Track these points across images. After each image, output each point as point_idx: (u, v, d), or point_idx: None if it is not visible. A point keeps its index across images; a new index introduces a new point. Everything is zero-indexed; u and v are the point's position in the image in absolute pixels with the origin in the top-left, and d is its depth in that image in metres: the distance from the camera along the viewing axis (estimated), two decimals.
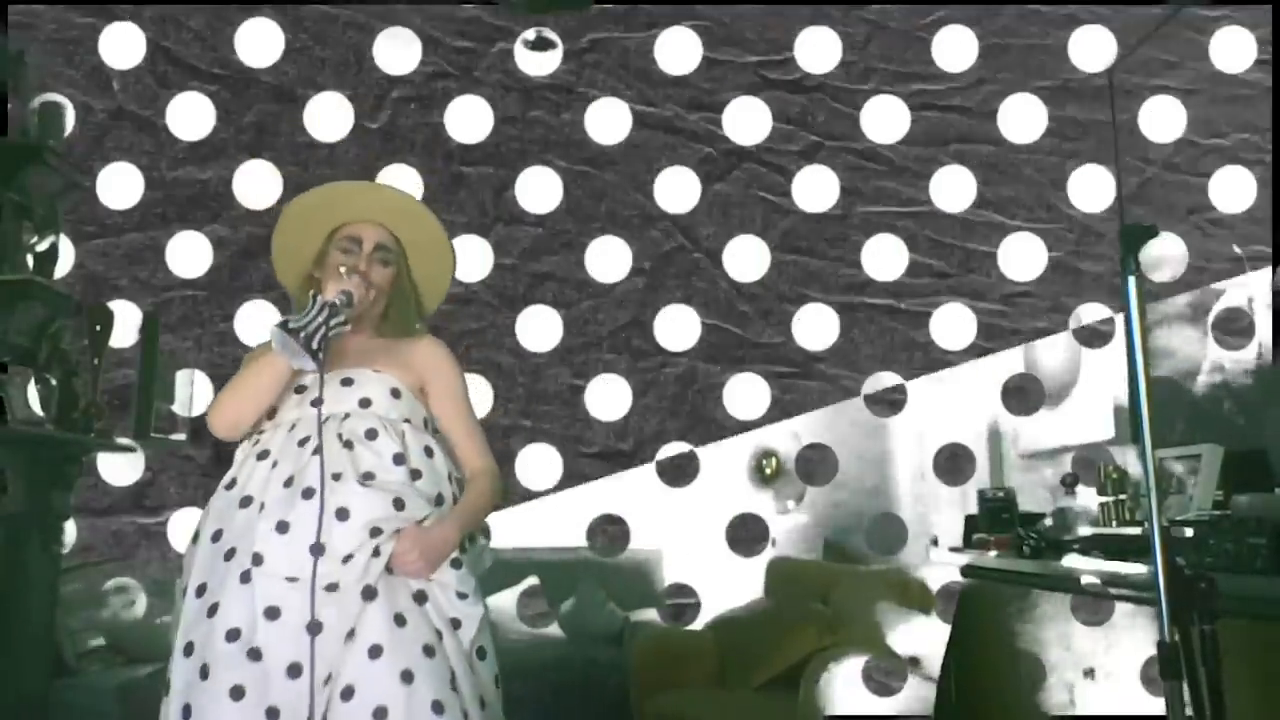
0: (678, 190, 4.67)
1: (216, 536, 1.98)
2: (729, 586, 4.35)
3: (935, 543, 4.41)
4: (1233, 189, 4.61)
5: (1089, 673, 3.36)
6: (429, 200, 4.57)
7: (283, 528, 1.91)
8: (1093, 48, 4.67)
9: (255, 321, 4.57)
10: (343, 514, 1.93)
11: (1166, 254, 4.54)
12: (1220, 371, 4.42)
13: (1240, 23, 4.64)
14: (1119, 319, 4.41)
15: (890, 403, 4.54)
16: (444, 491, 2.10)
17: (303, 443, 2.01)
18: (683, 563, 4.71)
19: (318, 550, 1.89)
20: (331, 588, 1.88)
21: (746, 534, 4.48)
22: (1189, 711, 1.84)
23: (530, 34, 4.68)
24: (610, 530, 4.58)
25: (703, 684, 3.67)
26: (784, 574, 4.01)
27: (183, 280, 4.59)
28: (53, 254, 3.84)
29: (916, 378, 4.55)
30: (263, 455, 2.04)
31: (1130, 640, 2.91)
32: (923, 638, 3.62)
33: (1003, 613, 3.39)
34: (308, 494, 1.93)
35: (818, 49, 4.73)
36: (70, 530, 3.89)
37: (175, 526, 4.41)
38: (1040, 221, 4.63)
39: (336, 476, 1.96)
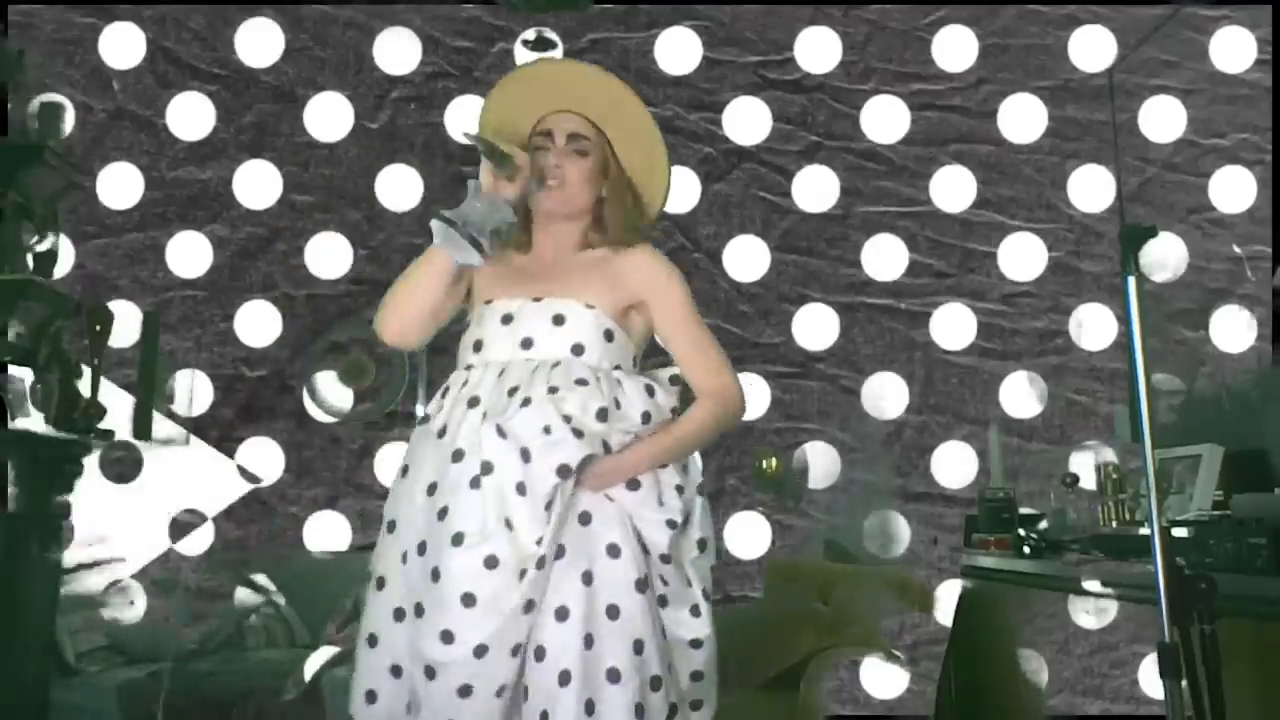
0: (678, 190, 4.66)
1: (431, 490, 1.90)
2: None
3: (935, 542, 4.41)
4: (1233, 189, 4.60)
5: None
6: (429, 200, 4.59)
7: (520, 488, 1.82)
8: (1093, 48, 4.67)
9: (255, 321, 4.58)
10: (564, 470, 1.85)
11: (1166, 254, 4.54)
12: (1220, 371, 4.41)
13: (1240, 23, 4.64)
14: None
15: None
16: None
17: (512, 392, 1.89)
18: None
19: (544, 521, 1.82)
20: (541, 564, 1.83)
21: None
22: (1189, 712, 1.84)
23: (530, 34, 4.68)
24: None
25: None
26: (784, 574, 4.00)
27: (183, 280, 4.59)
28: (53, 254, 3.85)
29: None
30: (473, 402, 1.92)
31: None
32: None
33: (1003, 613, 3.39)
34: (525, 455, 1.83)
35: (818, 49, 4.73)
36: (70, 530, 3.89)
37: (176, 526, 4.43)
38: (1040, 221, 4.62)
39: (548, 430, 1.85)
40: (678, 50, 4.74)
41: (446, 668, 1.80)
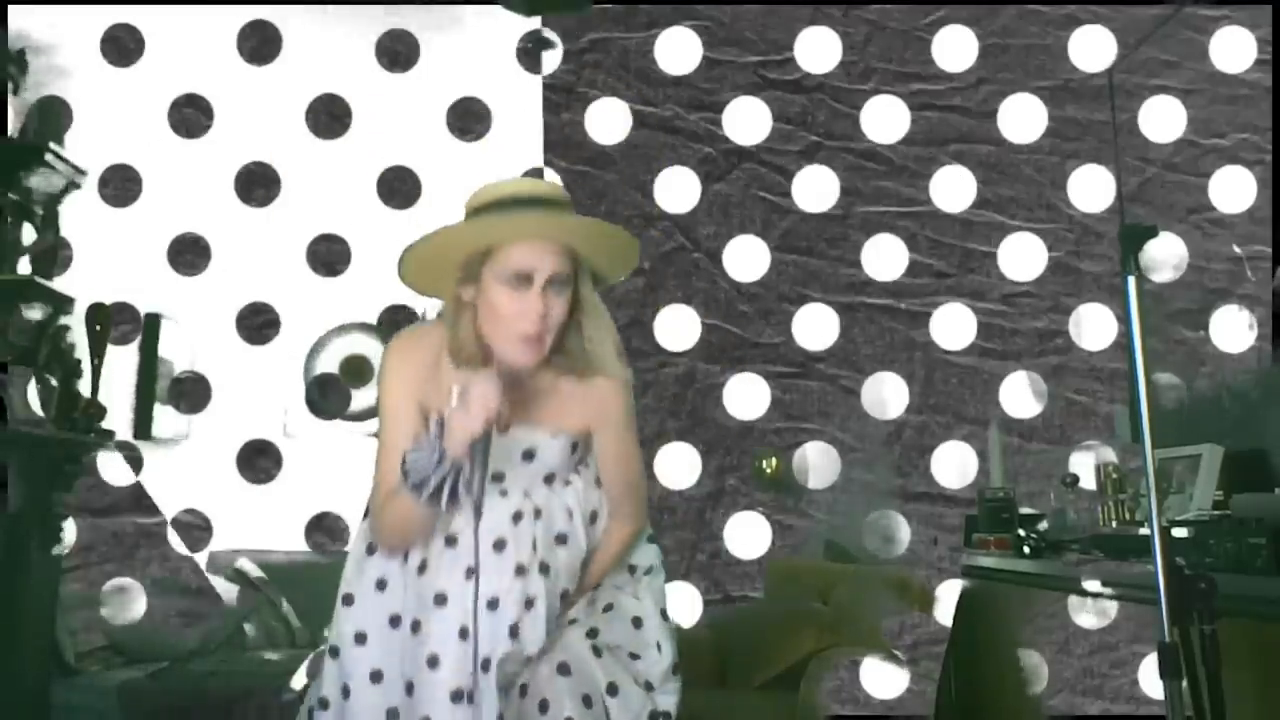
0: (678, 190, 4.67)
1: (415, 628, 1.89)
2: None
3: (935, 542, 4.41)
4: (1233, 189, 4.60)
5: None
6: None
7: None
8: (1093, 48, 4.67)
9: None
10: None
11: (1166, 254, 4.54)
12: (1220, 371, 4.41)
13: (1240, 23, 4.63)
14: None
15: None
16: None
17: (499, 547, 1.87)
18: None
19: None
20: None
21: None
22: (1189, 712, 1.84)
23: (529, 36, 4.68)
24: None
25: (703, 684, 3.66)
26: (784, 574, 4.00)
27: None
28: (53, 254, 3.85)
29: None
30: (450, 542, 1.88)
31: None
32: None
33: (1003, 613, 3.39)
34: (513, 631, 1.87)
35: (818, 49, 4.73)
36: (70, 530, 3.89)
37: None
38: (1040, 221, 4.62)
39: (530, 604, 1.87)
40: (678, 50, 4.73)
41: None
